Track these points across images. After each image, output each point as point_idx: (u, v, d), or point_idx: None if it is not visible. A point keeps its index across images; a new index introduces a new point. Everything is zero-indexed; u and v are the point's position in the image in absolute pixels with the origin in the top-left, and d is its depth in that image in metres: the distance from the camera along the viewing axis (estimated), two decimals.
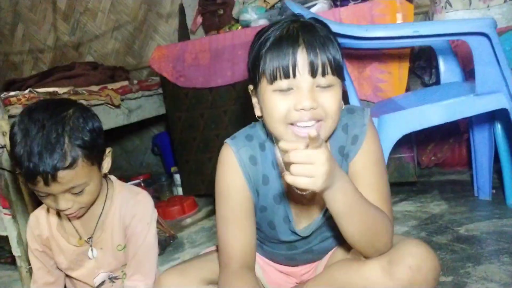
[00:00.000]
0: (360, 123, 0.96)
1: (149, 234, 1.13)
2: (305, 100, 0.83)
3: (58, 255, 1.15)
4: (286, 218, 1.00)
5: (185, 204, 2.20)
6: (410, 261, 0.86)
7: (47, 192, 0.98)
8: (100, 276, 1.16)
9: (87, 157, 0.98)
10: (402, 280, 0.85)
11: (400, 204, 1.85)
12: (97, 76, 2.32)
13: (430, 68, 2.15)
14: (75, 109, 1.01)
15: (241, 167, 0.96)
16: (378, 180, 0.94)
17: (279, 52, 0.84)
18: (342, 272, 0.95)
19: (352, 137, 0.96)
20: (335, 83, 0.86)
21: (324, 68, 0.83)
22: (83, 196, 1.02)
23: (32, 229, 1.16)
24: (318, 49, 0.83)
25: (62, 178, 0.95)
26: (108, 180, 1.18)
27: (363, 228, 0.86)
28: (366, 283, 0.90)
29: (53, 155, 0.93)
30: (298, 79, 0.83)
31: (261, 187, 0.98)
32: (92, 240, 1.14)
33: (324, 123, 0.86)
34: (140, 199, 1.15)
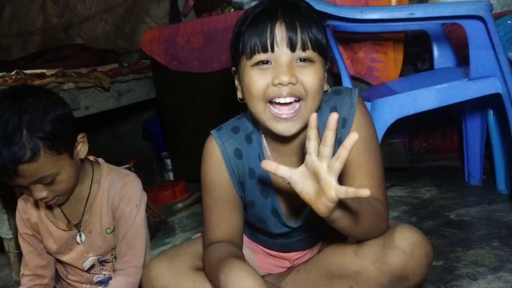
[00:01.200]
0: (348, 103, 0.91)
1: (138, 216, 1.12)
2: (283, 74, 0.79)
3: (47, 239, 1.13)
4: (275, 212, 0.98)
5: (176, 189, 2.19)
6: (404, 246, 0.85)
7: (16, 185, 0.95)
8: (89, 260, 1.15)
9: (50, 148, 0.94)
10: (396, 264, 0.85)
11: (391, 189, 1.85)
12: (87, 59, 2.28)
13: (423, 54, 2.14)
14: (35, 98, 0.96)
15: (225, 161, 0.93)
16: (372, 167, 0.91)
17: (258, 26, 0.81)
18: (335, 255, 0.95)
19: (341, 119, 0.91)
20: (316, 59, 0.82)
21: (305, 43, 0.80)
22: (56, 185, 0.99)
23: (20, 213, 1.15)
24: (298, 24, 0.80)
25: (24, 171, 0.92)
26: (95, 163, 1.16)
27: (364, 230, 0.86)
28: (359, 267, 0.90)
29: (11, 149, 0.89)
30: (276, 53, 0.80)
31: (248, 181, 0.96)
32: (80, 225, 1.12)
33: (304, 102, 0.82)
34: (128, 181, 1.13)
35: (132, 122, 3.12)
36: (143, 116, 3.06)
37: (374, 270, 0.88)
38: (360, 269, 0.90)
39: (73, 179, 1.03)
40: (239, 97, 0.92)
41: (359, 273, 0.90)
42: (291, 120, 0.82)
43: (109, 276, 1.16)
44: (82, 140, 1.05)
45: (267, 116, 0.84)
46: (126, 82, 2.19)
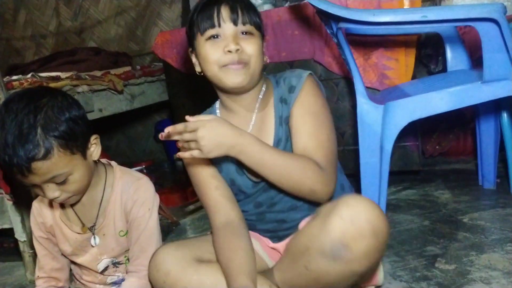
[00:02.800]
0: (298, 76, 1.08)
1: (151, 219, 1.13)
2: (231, 43, 0.99)
3: (62, 242, 1.15)
4: (240, 170, 1.08)
5: (188, 191, 2.20)
6: (342, 212, 0.85)
7: (29, 183, 0.96)
8: (103, 262, 1.16)
9: (64, 147, 0.95)
10: (334, 231, 0.85)
11: (404, 192, 1.84)
12: (100, 62, 2.31)
13: (436, 56, 2.13)
14: (50, 98, 0.98)
15: None
16: (316, 130, 1.03)
17: (207, 8, 1.02)
18: (295, 237, 0.99)
19: (289, 87, 1.08)
20: (255, 32, 1.03)
21: (245, 19, 1.01)
22: (68, 185, 1.00)
23: (35, 216, 1.16)
24: (238, 6, 1.01)
25: (37, 169, 0.93)
26: (108, 166, 1.17)
27: (277, 176, 0.98)
28: (308, 241, 0.91)
29: (25, 147, 0.91)
30: (223, 27, 1.00)
31: None
32: (94, 228, 1.13)
33: (247, 65, 1.02)
34: (141, 185, 1.14)
35: (144, 125, 3.14)
36: (155, 118, 3.08)
37: (318, 242, 0.88)
38: (309, 243, 0.90)
39: (86, 180, 1.04)
40: (197, 71, 1.10)
41: (309, 249, 0.90)
42: (239, 72, 1.01)
43: (123, 278, 1.18)
44: (95, 142, 1.06)
45: (221, 73, 1.02)
46: (139, 84, 2.21)
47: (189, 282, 0.99)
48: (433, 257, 1.27)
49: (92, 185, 1.11)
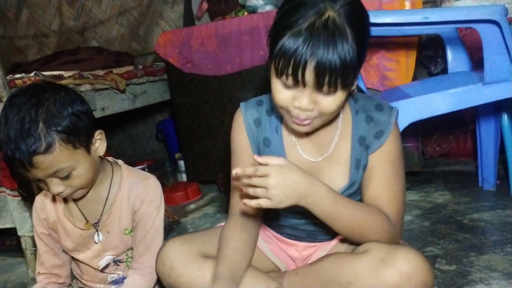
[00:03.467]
0: (387, 120, 0.99)
1: (158, 218, 1.14)
2: (303, 99, 0.86)
3: (64, 238, 1.15)
4: None
5: (189, 190, 2.21)
6: (402, 266, 0.84)
7: (32, 177, 0.97)
8: (105, 259, 1.16)
9: (66, 141, 0.96)
10: (389, 282, 0.84)
11: None
12: (102, 61, 2.31)
13: (436, 57, 2.13)
14: (52, 93, 0.98)
15: (246, 127, 1.06)
16: (392, 180, 0.97)
17: (293, 54, 0.82)
18: (335, 263, 0.95)
19: (376, 131, 0.99)
20: (340, 89, 0.86)
21: (331, 85, 0.83)
22: (72, 180, 1.00)
23: (38, 212, 1.16)
24: (329, 68, 0.81)
25: (39, 163, 0.93)
26: (114, 164, 1.18)
27: (346, 230, 0.93)
28: (353, 278, 0.88)
29: (27, 141, 0.91)
30: (302, 85, 0.85)
31: (263, 149, 1.06)
32: (98, 225, 1.14)
33: (318, 119, 0.91)
34: (149, 183, 1.15)
35: (145, 124, 3.15)
36: (156, 118, 3.09)
37: (366, 284, 0.86)
38: (353, 280, 0.88)
39: (90, 175, 1.04)
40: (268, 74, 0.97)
41: (351, 284, 0.88)
42: (306, 126, 0.93)
43: (123, 276, 1.18)
44: (100, 137, 1.07)
45: (286, 116, 0.94)
46: (141, 84, 2.22)
47: (193, 278, 1.00)
48: (433, 258, 1.28)
49: (98, 182, 1.11)
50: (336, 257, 0.96)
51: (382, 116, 0.99)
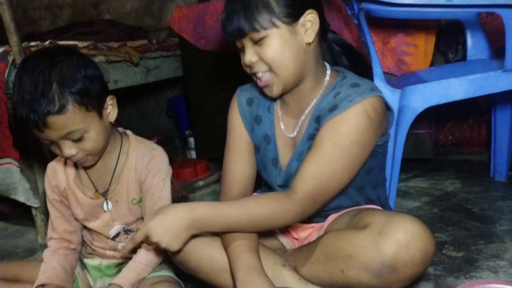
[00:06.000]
0: (348, 97, 0.95)
1: (165, 189, 1.14)
2: (244, 57, 0.98)
3: (75, 206, 1.16)
4: (275, 161, 1.10)
5: (198, 167, 2.21)
6: (399, 236, 0.84)
7: (46, 138, 0.98)
8: (115, 228, 1.18)
9: (79, 103, 0.96)
10: (386, 253, 0.84)
11: (414, 180, 1.84)
12: (116, 34, 2.30)
13: (455, 44, 2.09)
14: (66, 56, 0.99)
15: (239, 107, 1.14)
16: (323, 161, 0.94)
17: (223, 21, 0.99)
18: (336, 238, 0.95)
19: (332, 105, 0.96)
20: (269, 33, 0.94)
21: (250, 28, 0.93)
22: (85, 143, 1.01)
23: (49, 179, 1.17)
24: (241, 12, 0.94)
25: (53, 123, 0.94)
26: (124, 135, 1.18)
27: (252, 229, 0.97)
28: (353, 251, 0.89)
29: (41, 101, 0.93)
30: (238, 40, 0.97)
31: (255, 126, 1.12)
32: (107, 194, 1.15)
33: (271, 73, 0.97)
34: (156, 155, 1.15)
35: (156, 100, 3.15)
36: (167, 94, 3.08)
37: (366, 256, 0.87)
38: (353, 253, 0.89)
39: (102, 140, 1.05)
40: None
41: (352, 257, 0.89)
42: (267, 87, 1.01)
43: None
44: (111, 103, 1.07)
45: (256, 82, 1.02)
46: (154, 58, 2.21)
47: (201, 256, 1.01)
48: (441, 244, 1.28)
49: (107, 152, 1.12)
50: (337, 232, 0.97)
51: (348, 91, 0.96)
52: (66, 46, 1.32)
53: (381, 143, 1.03)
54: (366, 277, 0.87)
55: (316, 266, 0.97)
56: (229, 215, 0.94)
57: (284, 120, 1.10)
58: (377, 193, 1.11)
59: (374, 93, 0.95)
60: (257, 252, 0.96)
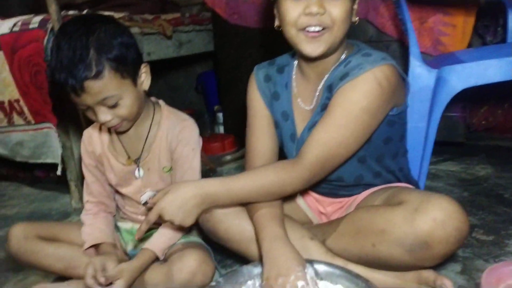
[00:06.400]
0: (359, 65, 0.94)
1: (195, 160, 1.16)
2: (313, 5, 0.91)
3: (109, 172, 1.20)
4: (292, 136, 1.10)
5: (226, 142, 2.24)
6: (436, 214, 0.84)
7: (83, 103, 1.01)
8: (146, 194, 1.20)
9: (114, 69, 0.98)
10: (422, 230, 0.84)
11: (444, 163, 1.82)
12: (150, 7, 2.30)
13: (494, 26, 2.02)
14: (103, 23, 1.01)
15: (257, 84, 1.14)
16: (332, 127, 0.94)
17: None
18: (369, 213, 0.96)
19: (343, 73, 0.96)
20: None
21: None
22: (119, 109, 1.03)
23: (85, 145, 1.21)
24: None
25: (90, 88, 0.97)
26: (156, 104, 1.20)
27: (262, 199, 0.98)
28: (386, 225, 0.89)
29: (78, 66, 0.95)
30: None
31: (273, 103, 1.13)
32: (139, 161, 1.18)
33: (329, 31, 0.94)
34: (187, 125, 1.17)
35: (186, 75, 3.16)
36: (197, 69, 3.09)
37: (400, 232, 0.87)
38: (387, 228, 0.89)
39: (136, 107, 1.07)
40: (275, 26, 1.04)
41: (385, 232, 0.89)
42: (317, 41, 0.95)
43: None
44: (145, 71, 1.09)
45: (299, 39, 0.96)
46: (186, 32, 2.21)
47: (230, 227, 1.03)
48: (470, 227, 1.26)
49: (141, 120, 1.14)
50: (370, 208, 0.98)
51: (359, 60, 0.96)
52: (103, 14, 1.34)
53: (396, 113, 1.02)
54: (398, 252, 0.88)
55: (345, 240, 0.98)
56: (238, 188, 0.96)
57: (301, 95, 1.10)
58: (398, 164, 1.11)
59: (386, 61, 0.94)
60: (281, 221, 0.98)
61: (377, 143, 1.02)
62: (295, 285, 0.83)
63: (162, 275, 1.03)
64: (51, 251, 1.11)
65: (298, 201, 1.19)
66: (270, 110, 1.13)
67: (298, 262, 0.87)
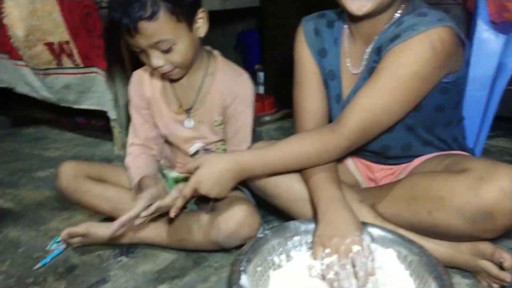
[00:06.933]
0: (411, 25, 0.86)
1: (249, 117, 1.14)
2: None
3: (158, 118, 1.18)
4: (338, 97, 1.05)
5: (266, 102, 2.21)
6: (503, 183, 0.78)
7: (136, 45, 0.99)
8: (195, 146, 1.19)
9: (170, 11, 0.96)
10: (487, 199, 0.79)
11: (496, 139, 1.73)
12: None
13: None
14: None
15: (306, 37, 1.07)
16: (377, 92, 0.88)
17: None
18: (426, 179, 0.90)
19: (394, 35, 0.88)
20: None
21: None
22: (173, 55, 1.01)
23: (135, 86, 1.19)
24: None
25: (144, 29, 0.94)
26: (210, 54, 1.17)
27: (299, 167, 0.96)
28: (447, 193, 0.84)
29: (134, 5, 0.93)
30: None
31: (321, 59, 1.06)
32: (190, 111, 1.16)
33: None
34: (243, 80, 1.14)
35: (224, 33, 3.11)
36: (237, 27, 3.03)
37: (461, 200, 0.81)
38: (447, 195, 0.83)
39: (190, 54, 1.04)
40: None
41: (443, 199, 0.84)
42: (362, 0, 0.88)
43: None
44: (202, 16, 1.05)
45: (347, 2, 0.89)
46: None
47: (279, 185, 1.01)
48: None
49: (194, 69, 1.12)
50: (428, 174, 0.93)
51: (413, 20, 0.87)
52: None
53: (451, 80, 0.94)
54: (456, 222, 0.83)
55: (398, 205, 0.94)
56: (273, 160, 0.93)
57: (351, 55, 1.03)
58: (451, 133, 1.04)
59: (443, 23, 0.85)
60: (339, 184, 0.95)
61: (427, 111, 0.96)
62: (350, 248, 0.79)
63: (209, 224, 1.03)
64: (99, 191, 1.12)
65: (348, 162, 1.16)
66: (319, 64, 1.07)
67: (356, 227, 0.84)
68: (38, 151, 1.95)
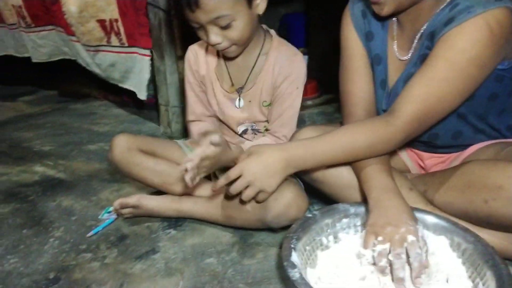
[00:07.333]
0: (471, 9, 0.81)
1: (297, 99, 1.13)
2: None
3: (211, 96, 1.20)
4: (383, 83, 1.02)
5: (308, 86, 2.18)
6: None
7: (195, 21, 0.99)
8: (243, 125, 1.21)
9: None
10: None
11: None
12: None
13: None
14: None
15: (353, 20, 1.03)
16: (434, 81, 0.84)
17: None
18: (481, 166, 0.87)
19: (448, 18, 0.84)
20: None
21: None
22: (231, 31, 1.01)
23: (190, 63, 1.20)
24: None
25: (204, 4, 0.95)
26: (267, 33, 1.16)
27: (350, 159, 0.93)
28: (505, 181, 0.80)
29: None
30: None
31: (367, 43, 1.03)
32: (242, 91, 1.17)
33: None
34: (296, 60, 1.13)
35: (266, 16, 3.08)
36: (280, 11, 3.00)
37: None
38: (505, 184, 0.80)
39: (248, 31, 1.04)
40: None
41: (502, 188, 0.81)
42: (377, 4, 0.89)
43: None
44: None
45: None
46: None
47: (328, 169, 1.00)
48: None
49: (250, 48, 1.12)
50: (485, 161, 0.89)
51: (468, 2, 0.82)
52: None
53: (507, 67, 0.89)
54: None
55: (452, 193, 0.92)
56: (324, 151, 0.91)
57: (398, 40, 1.00)
58: (505, 121, 1.00)
59: (501, 3, 0.80)
60: (391, 174, 0.92)
61: (480, 100, 0.92)
62: (404, 237, 0.77)
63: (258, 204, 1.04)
64: (150, 165, 1.15)
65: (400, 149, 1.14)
66: (366, 48, 1.03)
67: (410, 216, 0.81)
68: (87, 125, 2.02)
